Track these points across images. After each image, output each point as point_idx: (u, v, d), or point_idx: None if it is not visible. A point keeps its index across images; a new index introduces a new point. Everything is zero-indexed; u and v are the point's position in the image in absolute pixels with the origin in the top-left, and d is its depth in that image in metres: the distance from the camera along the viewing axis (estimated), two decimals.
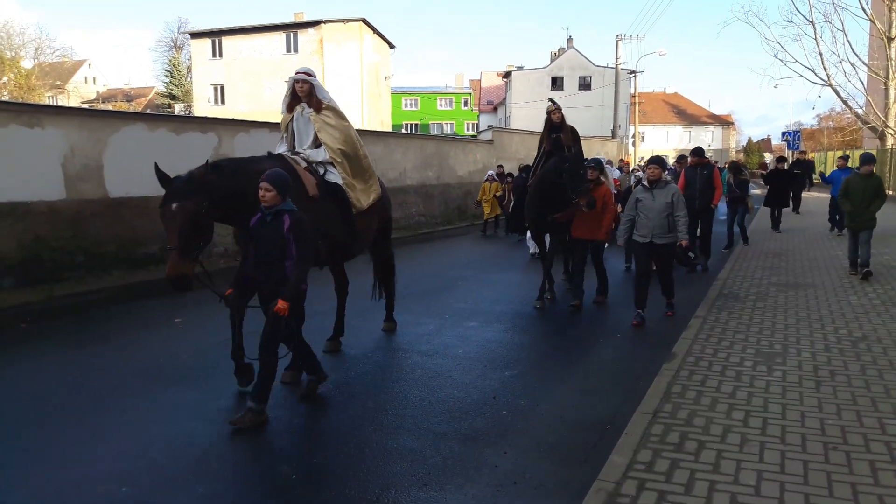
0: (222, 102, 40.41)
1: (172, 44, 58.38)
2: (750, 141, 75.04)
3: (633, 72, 41.73)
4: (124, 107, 53.26)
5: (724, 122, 68.13)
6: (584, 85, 48.07)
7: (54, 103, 43.86)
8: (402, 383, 5.21)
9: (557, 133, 7.88)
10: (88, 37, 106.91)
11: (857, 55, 24.59)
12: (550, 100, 8.23)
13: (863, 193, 8.36)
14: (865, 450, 3.63)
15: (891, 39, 23.12)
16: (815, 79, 25.17)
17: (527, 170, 9.85)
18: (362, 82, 39.14)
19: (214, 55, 40.93)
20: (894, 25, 23.08)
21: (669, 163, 14.72)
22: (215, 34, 41.07)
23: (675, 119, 66.11)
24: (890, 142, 24.04)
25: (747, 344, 5.78)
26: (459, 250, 13.89)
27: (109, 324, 7.31)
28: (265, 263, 4.32)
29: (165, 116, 12.99)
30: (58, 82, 53.62)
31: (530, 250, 11.84)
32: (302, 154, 5.52)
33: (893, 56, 23.27)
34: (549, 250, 8.13)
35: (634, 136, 43.57)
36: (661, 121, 65.26)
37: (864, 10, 23.89)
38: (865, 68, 24.69)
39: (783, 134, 38.42)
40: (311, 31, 39.25)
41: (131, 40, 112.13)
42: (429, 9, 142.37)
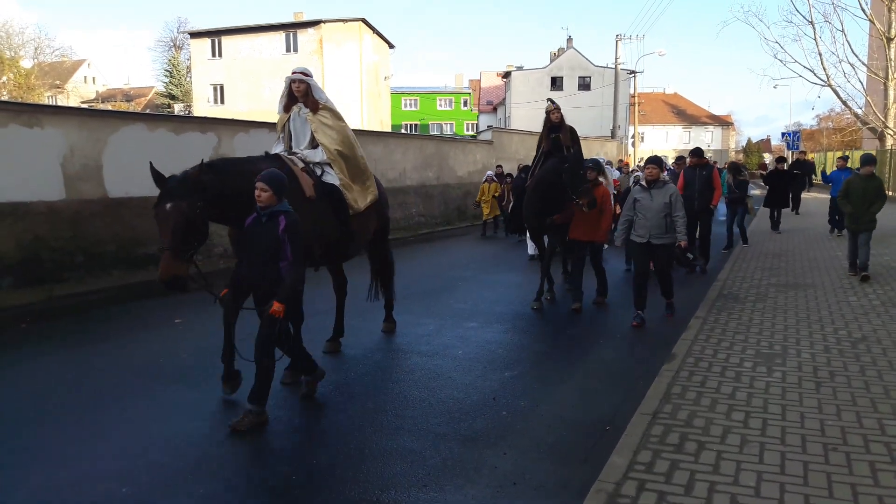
0: (222, 102, 40.39)
1: (172, 43, 58.42)
2: (749, 141, 75.21)
3: (633, 72, 41.74)
4: (124, 107, 53.23)
5: (724, 122, 68.14)
6: (584, 85, 48.12)
7: (54, 103, 43.86)
8: (402, 384, 5.21)
9: (556, 133, 7.85)
10: (88, 36, 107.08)
11: (856, 55, 24.65)
12: (549, 100, 8.21)
13: (863, 194, 8.32)
14: (865, 451, 3.64)
15: (890, 40, 23.13)
16: (814, 79, 25.31)
17: (526, 170, 9.84)
18: (362, 82, 39.14)
19: (214, 55, 40.93)
20: (894, 26, 23.09)
21: (669, 164, 14.73)
22: (215, 34, 41.07)
23: (674, 119, 66.10)
24: (889, 142, 24.05)
25: (747, 345, 5.79)
26: (459, 251, 13.89)
27: (109, 324, 7.31)
28: (260, 264, 4.28)
29: (165, 116, 12.99)
30: (57, 82, 53.60)
31: (529, 251, 11.84)
32: (299, 154, 5.49)
33: (893, 56, 23.28)
34: (548, 251, 8.13)
35: (634, 137, 43.56)
36: (661, 121, 65.25)
37: (863, 10, 23.96)
38: (865, 69, 24.70)
39: (783, 134, 38.47)
40: (310, 30, 39.24)
41: (131, 40, 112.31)
42: (429, 9, 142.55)
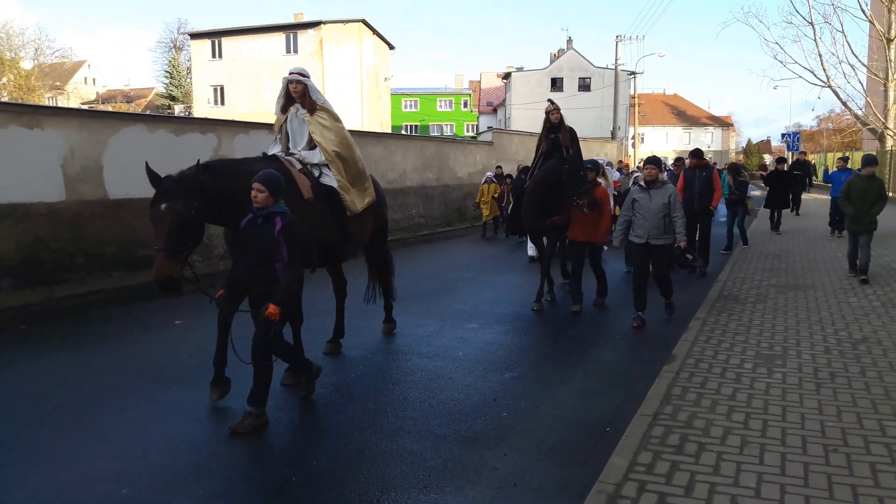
0: (222, 103, 40.42)
1: (172, 44, 58.50)
2: (749, 142, 75.24)
3: (633, 73, 41.76)
4: (124, 108, 53.27)
5: (724, 123, 68.19)
6: (584, 86, 48.14)
7: (54, 104, 43.88)
8: (403, 385, 5.20)
9: (556, 133, 7.85)
10: (88, 37, 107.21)
11: (856, 56, 24.62)
12: (549, 100, 8.21)
13: (864, 195, 8.28)
14: (866, 452, 3.64)
15: (890, 41, 23.14)
16: (814, 80, 25.21)
17: (526, 171, 9.82)
18: (362, 83, 39.17)
19: (214, 56, 40.97)
20: (894, 27, 23.09)
21: (668, 164, 14.72)
22: (215, 35, 41.11)
23: (674, 120, 66.13)
24: (889, 143, 24.05)
25: (747, 346, 5.79)
26: (459, 252, 13.89)
27: (109, 325, 7.31)
28: (255, 265, 4.25)
29: (165, 117, 12.99)
30: (57, 83, 53.65)
31: (529, 252, 11.83)
32: (297, 155, 5.46)
33: (893, 57, 23.29)
34: (547, 252, 8.12)
35: (634, 138, 43.58)
36: (661, 122, 65.29)
37: (863, 11, 23.95)
38: (865, 70, 24.70)
39: (783, 135, 38.49)
40: (310, 31, 39.28)
41: (131, 41, 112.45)
42: (429, 9, 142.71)
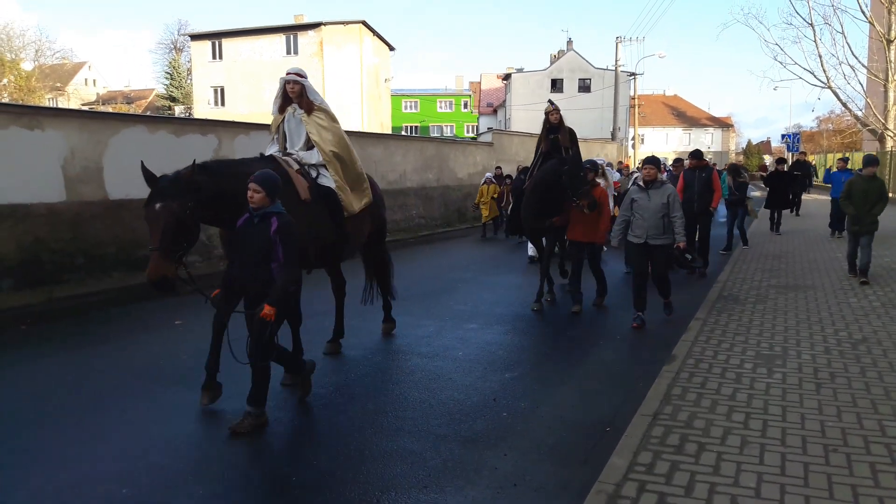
0: (222, 104, 40.44)
1: (172, 46, 58.54)
2: (749, 143, 75.26)
3: (633, 74, 41.76)
4: (124, 109, 53.31)
5: (724, 124, 68.18)
6: (584, 87, 48.16)
7: (54, 105, 43.91)
8: (403, 385, 5.20)
9: (555, 134, 7.86)
10: (88, 38, 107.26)
11: (856, 57, 24.61)
12: (549, 101, 8.22)
13: (866, 195, 8.27)
14: (866, 452, 3.64)
15: (890, 42, 23.14)
16: (814, 81, 25.18)
17: (525, 171, 9.83)
18: (362, 84, 39.19)
19: (214, 57, 40.99)
20: (894, 28, 23.10)
21: (668, 165, 14.70)
22: (215, 36, 41.13)
23: (674, 121, 66.13)
24: (889, 144, 24.05)
25: (747, 346, 5.79)
26: (459, 252, 13.89)
27: (109, 325, 7.31)
28: (252, 265, 4.23)
29: (165, 118, 13.00)
30: (58, 84, 53.67)
31: (529, 252, 11.83)
32: (294, 156, 5.43)
33: (893, 58, 23.29)
34: (546, 252, 8.12)
35: (634, 139, 43.59)
36: (661, 123, 65.28)
37: (863, 12, 23.94)
38: (865, 70, 24.69)
39: (783, 136, 38.50)
40: (311, 33, 39.30)
41: (131, 41, 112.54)
42: (429, 9, 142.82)
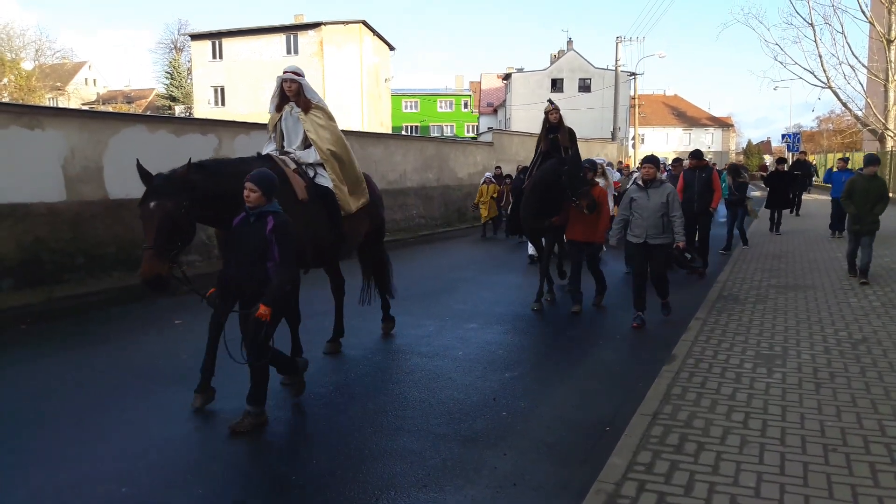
0: (222, 104, 40.44)
1: (172, 45, 58.53)
2: (750, 143, 75.19)
3: (633, 74, 41.79)
4: (124, 108, 53.31)
5: (724, 124, 68.15)
6: (584, 87, 48.17)
7: (54, 105, 43.91)
8: (402, 385, 5.21)
9: (555, 133, 7.85)
10: (88, 38, 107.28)
11: (856, 57, 24.58)
12: (549, 100, 8.22)
13: (866, 195, 8.26)
14: (865, 452, 3.64)
15: (890, 42, 23.13)
16: (814, 81, 25.16)
17: (525, 171, 9.83)
18: (362, 84, 39.19)
19: (214, 57, 41.00)
20: (894, 28, 23.08)
21: (667, 165, 14.69)
22: (215, 36, 41.13)
23: (674, 121, 66.10)
24: (889, 144, 24.04)
25: (747, 346, 5.79)
26: (459, 252, 13.89)
27: (109, 325, 7.31)
28: (248, 264, 4.21)
29: (165, 118, 13.00)
30: (58, 84, 53.65)
31: (529, 252, 11.82)
32: (292, 155, 5.40)
33: (893, 58, 23.28)
34: (546, 252, 8.12)
35: (634, 139, 43.63)
36: (661, 123, 65.25)
37: (863, 12, 23.92)
38: (865, 70, 24.68)
39: (783, 136, 38.48)
40: (311, 33, 39.30)
41: (131, 41, 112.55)
42: (429, 9, 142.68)
